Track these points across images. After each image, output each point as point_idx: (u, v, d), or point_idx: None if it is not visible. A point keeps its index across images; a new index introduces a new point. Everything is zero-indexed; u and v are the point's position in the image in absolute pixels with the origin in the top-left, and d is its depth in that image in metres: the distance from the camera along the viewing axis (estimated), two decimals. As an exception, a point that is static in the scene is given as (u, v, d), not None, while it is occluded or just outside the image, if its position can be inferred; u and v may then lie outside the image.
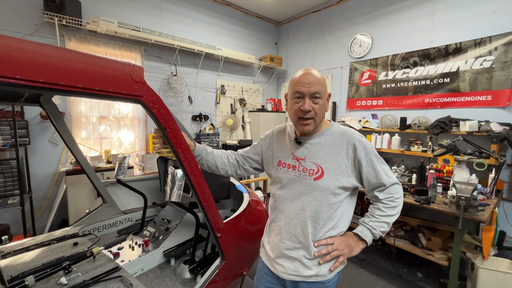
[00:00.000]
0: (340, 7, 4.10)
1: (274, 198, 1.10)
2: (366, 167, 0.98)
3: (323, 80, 0.99)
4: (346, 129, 1.03)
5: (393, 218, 1.02)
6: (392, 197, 1.01)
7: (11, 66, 0.67)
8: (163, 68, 3.77)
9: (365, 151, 0.98)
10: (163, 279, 1.53)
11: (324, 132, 1.03)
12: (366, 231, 1.02)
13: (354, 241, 1.02)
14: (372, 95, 3.74)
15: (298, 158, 1.04)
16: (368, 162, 0.98)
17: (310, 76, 0.97)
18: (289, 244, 1.02)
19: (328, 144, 1.01)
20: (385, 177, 0.99)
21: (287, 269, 1.02)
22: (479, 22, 2.77)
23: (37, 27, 2.80)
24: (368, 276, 2.47)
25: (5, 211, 2.69)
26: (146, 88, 0.98)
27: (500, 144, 2.47)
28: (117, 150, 3.51)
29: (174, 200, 1.29)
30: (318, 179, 0.98)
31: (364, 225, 1.03)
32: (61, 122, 1.63)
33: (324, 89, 0.99)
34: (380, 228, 1.01)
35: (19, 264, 1.24)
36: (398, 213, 1.03)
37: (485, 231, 2.04)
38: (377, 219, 1.01)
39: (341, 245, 1.00)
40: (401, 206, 1.03)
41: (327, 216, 0.99)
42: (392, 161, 3.40)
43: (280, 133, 1.17)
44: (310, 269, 1.00)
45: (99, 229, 1.88)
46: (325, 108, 1.00)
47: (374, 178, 0.99)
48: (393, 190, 1.01)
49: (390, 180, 1.00)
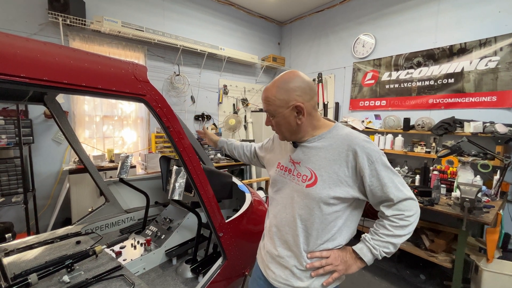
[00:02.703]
0: (344, 7, 4.09)
1: (271, 202, 1.07)
2: (369, 178, 0.84)
3: (273, 98, 0.89)
4: (349, 132, 0.91)
5: (401, 239, 0.86)
6: (401, 214, 0.85)
7: (16, 64, 0.68)
8: (166, 67, 3.78)
9: (369, 159, 0.84)
10: (165, 278, 1.53)
11: (324, 135, 0.93)
12: (365, 250, 0.89)
13: (351, 258, 0.91)
14: (375, 95, 3.72)
15: (294, 161, 0.98)
16: (373, 172, 0.84)
17: (265, 92, 0.93)
18: (281, 251, 0.98)
19: (326, 148, 0.91)
20: (394, 190, 0.84)
21: (277, 276, 0.98)
22: (484, 22, 2.75)
23: (42, 26, 2.82)
24: (371, 278, 2.45)
25: (8, 209, 2.72)
26: (150, 87, 0.98)
27: (505, 146, 2.44)
28: (120, 149, 3.53)
29: (175, 198, 1.28)
30: (310, 187, 0.89)
31: (365, 243, 0.90)
32: (64, 121, 1.64)
33: (274, 108, 0.90)
34: (383, 248, 0.87)
35: (22, 262, 1.25)
36: (410, 233, 0.87)
37: (490, 233, 2.02)
38: (380, 238, 0.87)
39: (336, 260, 0.90)
40: (414, 226, 0.87)
41: (321, 227, 0.90)
42: (395, 162, 3.38)
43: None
44: (301, 281, 0.93)
45: (101, 228, 1.88)
46: (287, 123, 0.91)
47: (380, 191, 0.85)
48: (405, 207, 0.85)
49: (401, 195, 0.85)
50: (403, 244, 2.54)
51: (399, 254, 2.69)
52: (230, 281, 1.39)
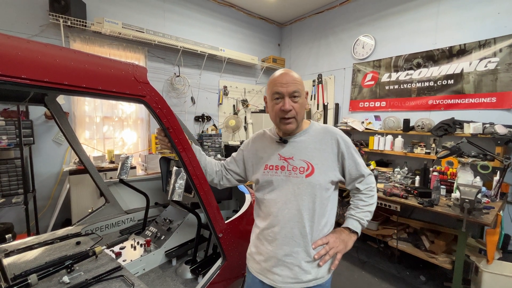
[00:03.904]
0: (343, 9, 4.10)
1: (264, 204, 1.05)
2: (348, 160, 1.03)
3: (300, 80, 1.01)
4: (326, 126, 1.08)
5: (374, 206, 1.09)
6: (370, 186, 1.08)
7: (17, 65, 0.68)
8: (166, 69, 3.79)
9: (346, 145, 1.03)
10: (165, 279, 1.53)
11: (307, 130, 1.06)
12: (356, 223, 1.05)
13: (346, 235, 1.05)
14: (375, 96, 3.72)
15: (285, 158, 1.03)
16: (349, 155, 1.03)
17: (287, 76, 0.98)
18: (287, 250, 0.98)
19: (313, 141, 1.03)
20: (363, 168, 1.06)
21: (285, 277, 0.98)
22: (483, 24, 2.75)
23: (43, 28, 2.83)
24: (371, 279, 2.45)
25: (9, 210, 2.72)
26: (149, 88, 0.99)
27: (505, 147, 2.44)
28: (120, 150, 3.53)
29: (175, 199, 1.29)
30: (310, 176, 0.98)
31: (352, 218, 1.06)
32: (65, 122, 1.65)
33: (302, 88, 1.00)
34: (365, 217, 1.06)
35: (22, 262, 1.25)
36: (376, 200, 1.10)
37: (490, 235, 2.02)
38: (361, 209, 1.06)
39: (336, 242, 1.01)
40: (377, 195, 1.12)
41: (320, 213, 1.00)
42: (395, 163, 3.39)
43: (260, 139, 1.16)
44: (309, 274, 0.98)
45: (101, 229, 1.88)
46: (304, 106, 1.03)
47: (355, 170, 1.05)
48: (370, 180, 1.09)
49: (367, 171, 1.08)
50: (403, 246, 2.54)
51: (399, 255, 2.69)
52: (230, 282, 1.39)
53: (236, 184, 1.25)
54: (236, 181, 1.23)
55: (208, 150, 4.02)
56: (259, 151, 1.12)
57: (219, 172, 1.22)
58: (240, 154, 1.20)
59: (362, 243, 3.07)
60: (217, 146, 4.15)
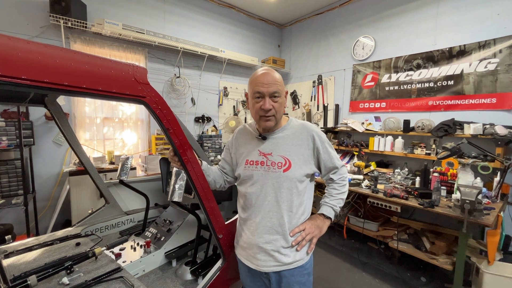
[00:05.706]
0: (343, 10, 4.11)
1: (246, 197, 1.14)
2: (323, 154, 1.13)
3: (280, 80, 1.07)
4: (303, 122, 1.16)
5: (345, 194, 1.21)
6: (342, 177, 1.19)
7: (17, 66, 0.68)
8: (167, 70, 3.80)
9: (321, 140, 1.12)
10: (165, 280, 1.53)
11: (285, 127, 1.14)
12: (329, 209, 1.16)
13: (321, 221, 1.15)
14: (375, 97, 3.72)
15: (264, 153, 1.11)
16: (324, 149, 1.13)
17: (269, 76, 1.04)
18: (267, 237, 1.07)
19: (291, 137, 1.11)
20: (336, 161, 1.17)
21: (267, 261, 1.07)
22: (483, 25, 2.75)
23: (43, 29, 2.84)
24: (371, 280, 2.44)
25: (8, 211, 2.71)
26: (149, 89, 0.99)
27: (505, 147, 2.44)
28: (120, 151, 3.53)
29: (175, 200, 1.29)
30: (287, 171, 1.06)
31: (327, 205, 1.17)
32: (65, 123, 1.65)
33: (282, 88, 1.06)
34: (338, 204, 1.17)
35: (21, 263, 1.25)
36: (348, 189, 1.23)
37: (490, 236, 2.02)
38: (335, 197, 1.18)
39: (311, 228, 1.11)
40: (348, 184, 1.24)
41: (298, 203, 1.09)
42: (395, 164, 3.38)
43: (242, 135, 1.23)
44: (288, 257, 1.07)
45: (101, 230, 1.88)
46: (283, 105, 1.10)
47: (330, 163, 1.15)
48: (343, 171, 1.20)
49: (340, 163, 1.19)
50: (404, 247, 2.53)
51: (399, 256, 2.68)
52: (230, 283, 1.39)
53: (235, 183, 1.31)
54: (234, 179, 1.31)
55: (208, 151, 4.02)
56: (241, 147, 1.20)
57: (221, 177, 1.30)
58: (228, 153, 1.28)
59: (362, 244, 3.07)
60: (217, 147, 4.15)
